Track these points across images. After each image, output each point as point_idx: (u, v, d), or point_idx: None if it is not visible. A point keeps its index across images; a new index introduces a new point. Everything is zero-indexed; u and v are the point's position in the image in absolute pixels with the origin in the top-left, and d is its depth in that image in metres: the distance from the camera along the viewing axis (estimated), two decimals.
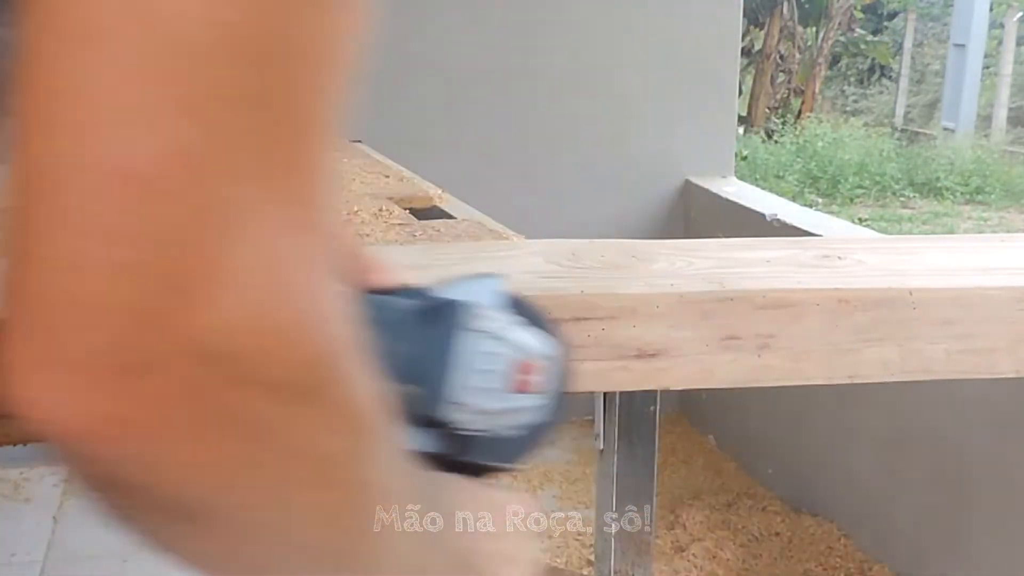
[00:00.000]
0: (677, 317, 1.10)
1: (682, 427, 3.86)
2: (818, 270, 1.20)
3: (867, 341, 1.13)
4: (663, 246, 1.29)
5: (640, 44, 3.72)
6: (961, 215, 8.81)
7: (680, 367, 1.11)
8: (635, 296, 1.10)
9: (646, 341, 1.10)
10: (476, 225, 1.75)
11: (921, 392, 2.63)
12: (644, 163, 3.80)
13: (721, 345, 1.11)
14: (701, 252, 1.26)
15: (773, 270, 1.20)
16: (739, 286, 1.13)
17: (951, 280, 1.17)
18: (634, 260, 1.23)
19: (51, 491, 3.30)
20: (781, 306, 1.12)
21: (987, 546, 2.42)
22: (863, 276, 1.18)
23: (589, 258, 1.23)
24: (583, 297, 1.10)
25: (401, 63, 3.53)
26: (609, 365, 1.10)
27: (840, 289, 1.13)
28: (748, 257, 1.25)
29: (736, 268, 1.19)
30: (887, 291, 1.13)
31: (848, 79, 13.92)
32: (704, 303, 1.11)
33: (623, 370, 1.10)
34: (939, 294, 1.14)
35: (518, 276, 1.15)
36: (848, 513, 2.95)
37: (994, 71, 12.40)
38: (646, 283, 1.14)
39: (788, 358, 1.12)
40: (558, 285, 1.13)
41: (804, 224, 3.14)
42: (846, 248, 1.29)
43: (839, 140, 10.28)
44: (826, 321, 1.12)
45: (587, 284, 1.13)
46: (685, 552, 2.86)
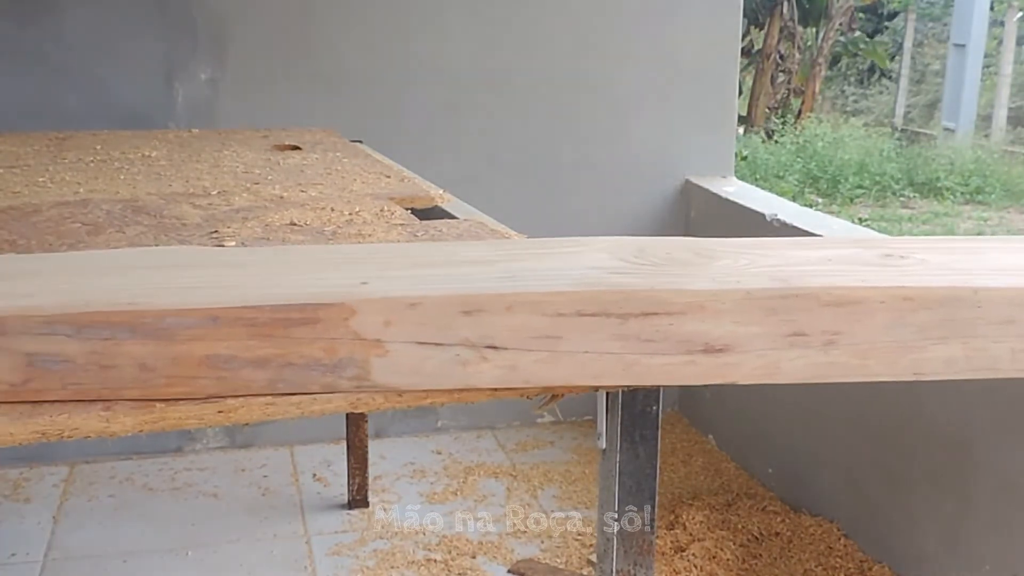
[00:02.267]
0: (744, 313, 1.11)
1: (682, 427, 3.87)
2: (884, 269, 1.21)
3: (932, 339, 1.14)
4: (725, 244, 1.31)
5: (640, 44, 3.72)
6: (961, 215, 8.81)
7: (747, 362, 1.13)
8: (703, 292, 1.12)
9: (714, 336, 1.11)
10: (478, 225, 1.75)
11: (922, 392, 2.64)
12: (644, 163, 3.80)
13: (787, 341, 1.13)
14: (763, 250, 1.28)
15: (836, 268, 1.21)
16: (804, 283, 1.14)
17: (1015, 280, 1.18)
18: (698, 257, 1.24)
19: (51, 491, 3.30)
20: (846, 303, 1.13)
21: (987, 546, 2.42)
22: (927, 275, 1.19)
23: (654, 255, 1.24)
24: (651, 293, 1.11)
25: (401, 63, 3.53)
26: (677, 360, 1.12)
27: (905, 287, 1.14)
28: (810, 255, 1.27)
29: (799, 266, 1.21)
30: (951, 290, 1.14)
31: (848, 79, 13.92)
32: (770, 300, 1.12)
33: (691, 364, 1.12)
34: (1003, 294, 1.14)
35: (586, 271, 1.17)
36: (848, 513, 2.95)
37: (994, 71, 12.40)
38: (712, 280, 1.15)
39: (854, 355, 1.14)
40: (627, 281, 1.14)
41: (804, 224, 3.14)
42: (909, 247, 1.30)
43: (839, 140, 10.29)
44: (891, 319, 1.13)
45: (655, 280, 1.14)
46: (685, 552, 2.86)
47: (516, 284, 1.12)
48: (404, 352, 1.09)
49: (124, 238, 1.64)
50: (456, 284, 1.13)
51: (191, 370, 1.06)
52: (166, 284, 1.14)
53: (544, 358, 1.10)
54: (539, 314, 1.10)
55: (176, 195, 2.02)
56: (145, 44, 3.35)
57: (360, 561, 2.91)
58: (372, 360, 1.08)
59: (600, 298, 1.10)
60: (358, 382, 1.09)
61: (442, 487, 3.36)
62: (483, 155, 3.65)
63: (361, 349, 1.08)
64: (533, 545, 3.01)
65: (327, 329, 1.07)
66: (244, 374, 1.07)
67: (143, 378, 1.06)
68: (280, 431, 3.60)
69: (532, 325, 1.10)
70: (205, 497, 3.29)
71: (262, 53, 3.43)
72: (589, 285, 1.13)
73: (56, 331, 1.04)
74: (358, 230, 1.70)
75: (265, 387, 1.08)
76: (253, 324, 1.06)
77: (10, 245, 1.58)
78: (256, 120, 3.33)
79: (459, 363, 1.10)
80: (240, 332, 1.06)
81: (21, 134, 2.87)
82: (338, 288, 1.10)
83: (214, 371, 1.06)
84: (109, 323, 1.04)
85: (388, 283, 1.12)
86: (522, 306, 1.09)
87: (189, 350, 1.06)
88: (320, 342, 1.07)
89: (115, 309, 1.05)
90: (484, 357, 1.10)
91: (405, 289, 1.10)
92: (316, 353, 1.08)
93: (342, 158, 2.57)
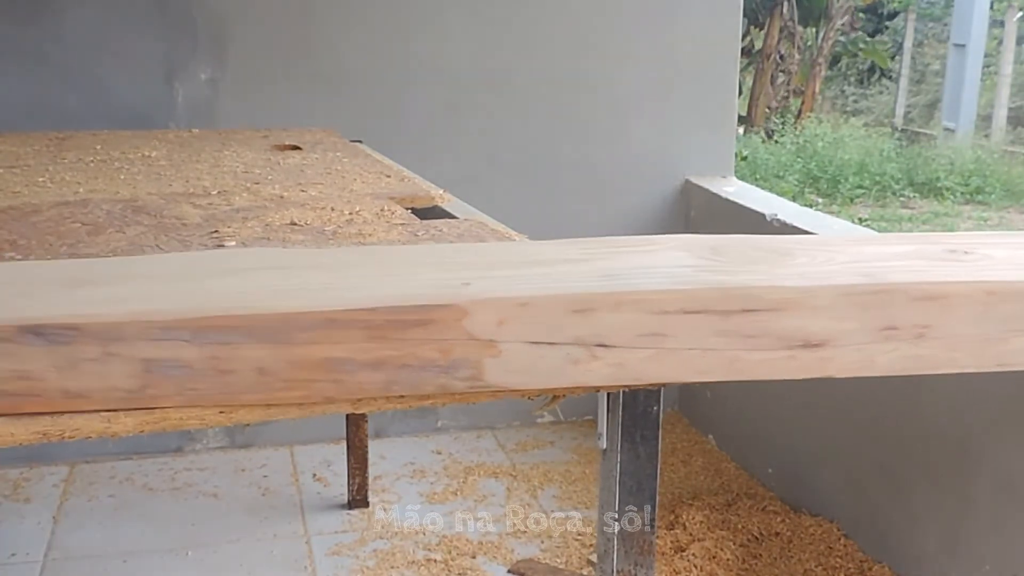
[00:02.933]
0: (839, 309, 1.15)
1: (682, 427, 3.87)
2: (959, 264, 1.25)
3: (1015, 331, 1.19)
4: (796, 242, 1.34)
5: (640, 44, 3.72)
6: (961, 215, 8.81)
7: (843, 356, 1.16)
8: (798, 289, 1.15)
9: (811, 332, 1.15)
10: (478, 225, 1.75)
11: (922, 392, 2.64)
12: (644, 163, 3.80)
13: (881, 335, 1.17)
14: (835, 247, 1.32)
15: (914, 264, 1.25)
16: (891, 279, 1.18)
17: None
18: (773, 255, 1.27)
19: (51, 491, 3.30)
20: (934, 298, 1.17)
21: (987, 546, 2.42)
22: (1001, 269, 1.24)
23: (729, 253, 1.27)
24: (749, 290, 1.14)
25: (401, 63, 3.53)
26: (778, 355, 1.15)
27: (986, 282, 1.19)
28: (883, 252, 1.31)
29: (878, 262, 1.25)
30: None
31: (848, 79, 13.92)
32: (862, 296, 1.16)
33: (791, 359, 1.15)
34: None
35: (672, 269, 1.20)
36: (848, 513, 2.95)
37: (994, 71, 12.39)
38: (801, 277, 1.19)
39: (943, 348, 1.18)
40: (721, 279, 1.17)
41: (804, 224, 3.13)
42: (970, 243, 1.35)
43: (839, 140, 10.29)
44: (976, 312, 1.18)
45: (749, 277, 1.18)
46: (685, 552, 2.86)
47: (618, 283, 1.14)
48: (517, 352, 1.10)
49: (124, 238, 1.64)
50: (559, 283, 1.14)
51: (308, 373, 1.06)
52: (277, 287, 1.13)
53: (651, 355, 1.13)
54: (646, 312, 1.12)
55: (176, 195, 2.02)
56: (145, 44, 3.35)
57: (360, 561, 2.91)
58: (486, 360, 1.10)
59: (702, 296, 1.13)
60: (472, 382, 1.10)
61: (442, 487, 3.36)
62: (483, 155, 3.65)
63: (475, 349, 1.09)
64: (533, 545, 3.01)
65: (441, 330, 1.08)
66: (360, 377, 1.07)
67: (261, 382, 1.05)
68: (280, 431, 3.60)
69: (639, 323, 1.12)
70: (205, 497, 3.29)
71: (262, 53, 3.43)
72: (689, 283, 1.15)
73: (173, 336, 1.03)
74: (358, 230, 1.70)
75: (381, 389, 1.08)
76: (369, 326, 1.06)
77: (10, 245, 1.58)
78: (256, 120, 3.33)
79: (570, 361, 1.11)
80: (356, 335, 1.06)
81: (21, 134, 2.87)
82: (444, 289, 1.11)
83: (331, 374, 1.06)
84: (226, 327, 1.03)
85: (491, 283, 1.14)
86: (629, 304, 1.11)
87: (306, 353, 1.05)
88: (435, 343, 1.08)
89: (232, 313, 1.04)
90: (594, 355, 1.12)
91: (511, 289, 1.11)
92: (431, 354, 1.08)
93: (342, 158, 2.57)
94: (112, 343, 1.01)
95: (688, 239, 1.33)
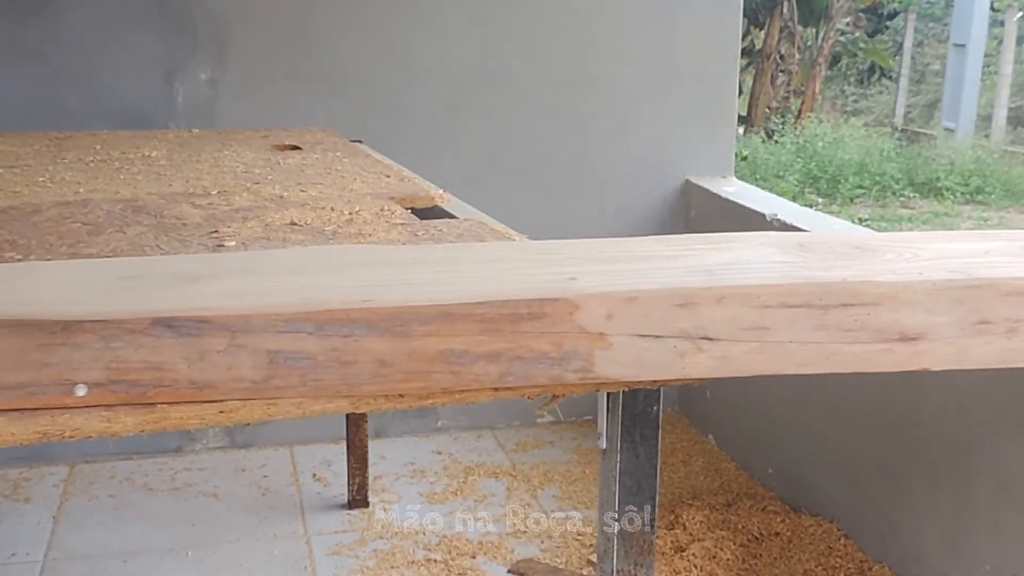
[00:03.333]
0: (934, 303, 1.19)
1: (682, 427, 3.87)
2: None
3: None
4: (878, 238, 1.38)
5: (640, 44, 3.72)
6: (961, 215, 8.81)
7: (938, 350, 1.21)
8: (894, 284, 1.19)
9: (907, 325, 1.19)
10: (478, 225, 1.75)
11: (922, 392, 2.64)
12: (644, 163, 3.80)
13: (974, 329, 1.21)
14: (917, 244, 1.36)
15: (999, 259, 1.30)
16: (982, 274, 1.22)
17: None
18: (859, 251, 1.32)
19: (51, 491, 3.30)
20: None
21: (987, 546, 2.42)
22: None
23: (817, 249, 1.31)
24: (846, 285, 1.18)
25: (401, 63, 3.53)
26: (875, 348, 1.19)
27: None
28: (966, 248, 1.35)
29: (964, 259, 1.29)
30: None
31: (848, 79, 13.92)
32: (956, 290, 1.20)
33: (887, 353, 1.19)
34: None
35: (767, 265, 1.24)
36: (848, 513, 2.95)
37: (994, 71, 12.39)
38: (893, 272, 1.23)
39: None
40: (815, 274, 1.21)
41: (804, 224, 3.13)
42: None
43: (839, 140, 10.29)
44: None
45: (844, 273, 1.22)
46: (685, 552, 2.86)
47: (718, 278, 1.18)
48: (626, 344, 1.14)
49: (124, 238, 1.64)
50: (661, 279, 1.18)
51: (427, 365, 1.09)
52: (391, 281, 1.17)
53: (754, 348, 1.17)
54: (748, 306, 1.15)
55: (176, 195, 2.02)
56: (145, 44, 3.35)
57: (360, 561, 2.91)
58: (596, 353, 1.13)
59: (802, 290, 1.17)
60: (583, 374, 1.14)
61: (442, 487, 3.36)
62: (483, 155, 3.65)
63: (586, 342, 1.12)
64: (533, 545, 3.01)
65: (553, 323, 1.11)
66: (476, 368, 1.11)
67: (382, 373, 1.09)
68: (280, 431, 3.60)
69: (742, 316, 1.15)
70: (205, 497, 3.29)
71: (262, 53, 3.43)
72: (787, 278, 1.19)
73: (298, 329, 1.06)
74: (358, 229, 1.70)
75: (495, 381, 1.12)
76: (484, 319, 1.10)
77: (10, 245, 1.58)
78: (256, 120, 3.33)
79: (677, 354, 1.15)
80: (472, 327, 1.09)
81: (21, 134, 2.87)
82: (552, 284, 1.15)
83: (448, 366, 1.10)
84: (349, 320, 1.07)
85: (596, 279, 1.17)
86: (732, 299, 1.15)
87: (424, 345, 1.09)
88: (547, 336, 1.12)
89: (354, 307, 1.07)
90: (699, 348, 1.15)
91: (617, 284, 1.15)
92: (544, 347, 1.12)
93: (342, 158, 2.57)
94: (239, 335, 1.05)
95: (772, 236, 1.38)
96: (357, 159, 2.56)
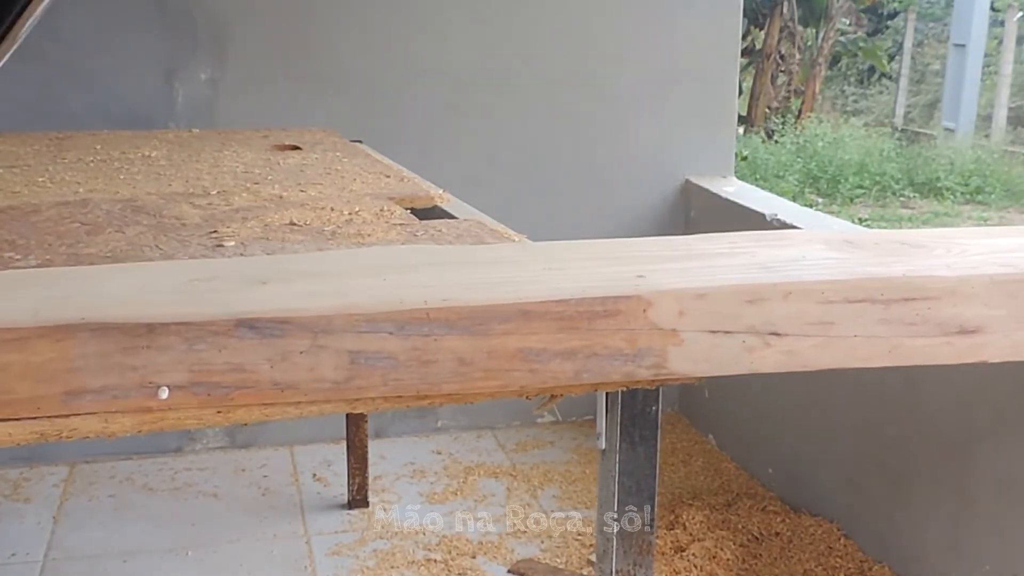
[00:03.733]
0: (991, 297, 1.22)
1: (682, 427, 3.86)
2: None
3: None
4: (923, 235, 1.42)
5: (640, 44, 3.72)
6: (961, 215, 8.81)
7: (996, 342, 1.24)
8: (952, 279, 1.22)
9: (966, 319, 1.22)
10: (477, 225, 1.75)
11: (922, 392, 2.63)
12: (644, 163, 3.80)
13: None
14: (962, 240, 1.39)
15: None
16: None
17: None
18: (907, 247, 1.35)
19: (51, 491, 3.30)
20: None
21: (987, 546, 2.42)
22: None
23: (864, 246, 1.34)
24: (907, 280, 1.21)
25: (401, 63, 3.53)
26: (936, 341, 1.22)
27: None
28: (1011, 243, 1.38)
29: (1012, 253, 1.32)
30: None
31: (848, 79, 13.91)
32: (1012, 284, 1.23)
33: (947, 345, 1.22)
34: None
35: (823, 261, 1.26)
36: (848, 513, 2.95)
37: (994, 71, 12.39)
38: (948, 267, 1.25)
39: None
40: (874, 270, 1.23)
41: (804, 224, 3.13)
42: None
43: (839, 140, 10.28)
44: None
45: (903, 268, 1.24)
46: (685, 552, 2.85)
47: (781, 275, 1.21)
48: (697, 340, 1.16)
49: (123, 238, 1.64)
50: (727, 275, 1.20)
51: (505, 363, 1.11)
52: (463, 281, 1.17)
53: (820, 343, 1.19)
54: (813, 301, 1.18)
55: (175, 195, 2.02)
56: (145, 44, 3.35)
57: (360, 561, 2.91)
58: (669, 349, 1.15)
59: (865, 285, 1.20)
60: (656, 370, 1.16)
61: (442, 487, 3.36)
62: (483, 155, 3.65)
63: (659, 338, 1.14)
64: (533, 545, 3.01)
65: (628, 320, 1.13)
66: (553, 366, 1.12)
67: (461, 372, 1.10)
68: (280, 431, 3.60)
69: (808, 312, 1.18)
70: (205, 497, 3.28)
71: (262, 53, 3.43)
72: (849, 274, 1.22)
73: (379, 329, 1.07)
74: (357, 230, 1.70)
75: (572, 378, 1.13)
76: (561, 317, 1.11)
77: (9, 245, 1.58)
78: (256, 120, 3.33)
79: (746, 349, 1.17)
80: (549, 325, 1.11)
81: (21, 134, 2.87)
82: (622, 282, 1.16)
83: (527, 363, 1.11)
84: (428, 320, 1.08)
85: (663, 276, 1.19)
86: (797, 294, 1.17)
87: (503, 344, 1.10)
88: (622, 333, 1.13)
89: (434, 306, 1.08)
90: (767, 343, 1.18)
91: (686, 281, 1.17)
92: (618, 344, 1.13)
93: (342, 158, 2.57)
94: (321, 336, 1.05)
95: (818, 233, 1.40)
96: (357, 159, 2.56)
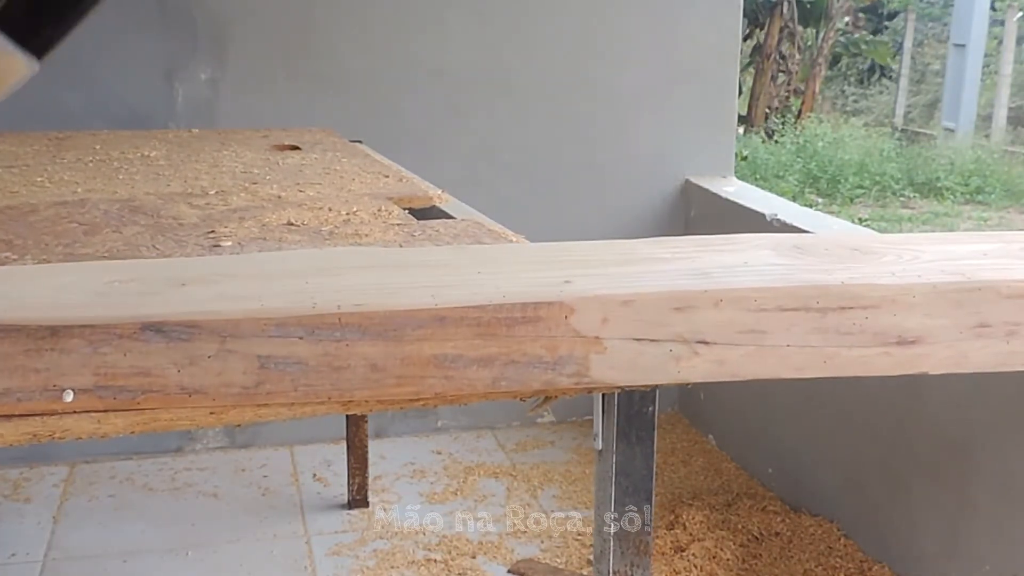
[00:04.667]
0: (933, 306, 1.18)
1: (682, 427, 3.86)
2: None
3: None
4: (879, 240, 1.37)
5: (640, 44, 3.71)
6: (961, 215, 8.81)
7: (937, 353, 1.20)
8: (893, 287, 1.18)
9: (906, 328, 1.18)
10: (475, 225, 1.74)
11: (922, 392, 2.63)
12: (644, 163, 3.80)
13: (973, 332, 1.20)
14: (918, 246, 1.35)
15: (999, 262, 1.28)
16: (982, 277, 1.21)
17: None
18: (858, 253, 1.30)
19: (51, 491, 3.30)
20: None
21: (987, 546, 2.42)
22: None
23: (815, 251, 1.30)
24: (844, 287, 1.17)
25: (401, 63, 3.53)
26: (873, 351, 1.18)
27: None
28: (967, 250, 1.34)
29: (965, 260, 1.28)
30: None
31: (848, 79, 13.91)
32: (956, 293, 1.19)
33: (885, 356, 1.18)
34: None
35: (764, 268, 1.23)
36: (848, 513, 2.95)
37: (994, 71, 12.38)
38: (893, 275, 1.21)
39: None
40: (813, 277, 1.19)
41: (804, 224, 3.13)
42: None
43: (839, 140, 10.28)
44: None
45: (843, 275, 1.20)
46: (685, 552, 2.85)
47: (714, 281, 1.17)
48: (621, 348, 1.13)
49: (120, 238, 1.64)
50: (657, 282, 1.17)
51: (419, 370, 1.08)
52: (383, 285, 1.15)
53: (750, 352, 1.15)
54: (744, 309, 1.14)
55: (174, 195, 2.02)
56: (145, 44, 3.35)
57: (360, 561, 2.90)
58: (591, 356, 1.12)
59: (799, 293, 1.16)
60: (578, 378, 1.13)
61: (442, 487, 3.36)
62: (483, 155, 3.64)
63: (581, 346, 1.12)
64: (533, 545, 3.00)
65: (548, 327, 1.11)
66: (470, 373, 1.10)
67: (374, 378, 1.07)
68: (280, 431, 3.60)
69: (738, 320, 1.14)
70: (205, 497, 3.28)
71: (262, 53, 3.43)
72: (784, 281, 1.18)
73: (288, 334, 1.05)
74: (355, 230, 1.69)
75: (489, 385, 1.11)
76: (478, 323, 1.09)
77: (6, 245, 1.58)
78: (256, 120, 3.33)
79: (672, 358, 1.14)
80: (465, 332, 1.09)
81: (20, 134, 2.87)
82: (547, 287, 1.14)
83: (441, 370, 1.09)
84: (340, 325, 1.06)
85: (591, 282, 1.16)
86: (728, 302, 1.14)
87: (418, 350, 1.08)
88: (542, 340, 1.11)
89: (345, 311, 1.06)
90: (696, 352, 1.14)
91: (613, 287, 1.14)
92: (538, 351, 1.11)
93: (341, 158, 2.57)
94: (229, 340, 1.04)
95: (770, 238, 1.36)
96: (356, 159, 2.56)
